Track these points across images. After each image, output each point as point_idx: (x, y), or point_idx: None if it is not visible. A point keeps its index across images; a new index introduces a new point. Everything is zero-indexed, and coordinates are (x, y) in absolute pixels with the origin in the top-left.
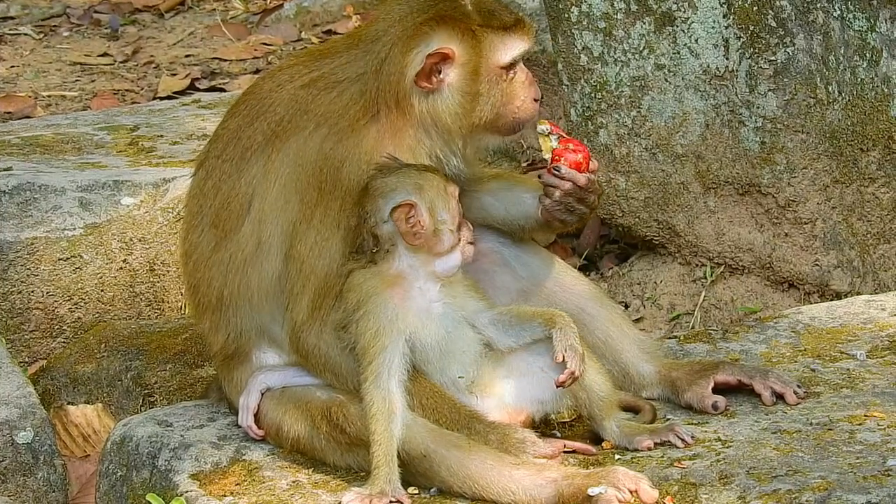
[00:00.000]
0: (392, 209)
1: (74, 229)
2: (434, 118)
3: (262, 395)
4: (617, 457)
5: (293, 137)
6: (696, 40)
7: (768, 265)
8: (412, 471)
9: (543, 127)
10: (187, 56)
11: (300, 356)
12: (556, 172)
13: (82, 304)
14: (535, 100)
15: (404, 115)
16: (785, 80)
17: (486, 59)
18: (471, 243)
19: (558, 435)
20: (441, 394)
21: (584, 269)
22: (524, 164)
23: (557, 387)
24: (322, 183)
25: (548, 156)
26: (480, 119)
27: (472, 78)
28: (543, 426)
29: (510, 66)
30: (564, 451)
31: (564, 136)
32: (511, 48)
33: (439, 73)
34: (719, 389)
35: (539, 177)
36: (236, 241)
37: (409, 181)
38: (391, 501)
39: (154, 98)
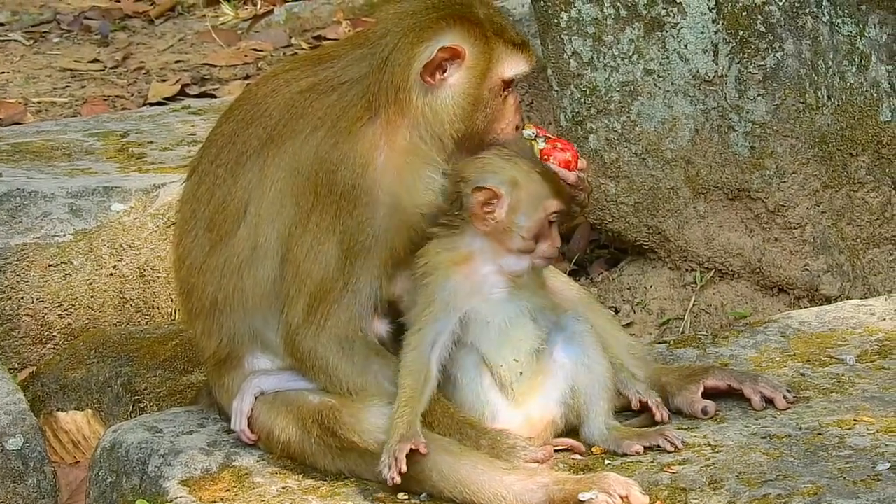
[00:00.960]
0: (476, 187)
1: (64, 235)
2: (431, 117)
3: (256, 399)
4: (607, 462)
5: (289, 141)
6: (686, 45)
7: (758, 270)
8: (403, 474)
9: (529, 132)
10: (177, 62)
11: (295, 360)
12: None
13: (72, 310)
14: (517, 127)
15: (402, 111)
16: (774, 84)
17: (494, 67)
18: (547, 258)
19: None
20: (434, 398)
21: (573, 274)
22: None
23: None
24: (318, 187)
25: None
26: (473, 128)
27: (477, 83)
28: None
29: (508, 84)
30: (555, 450)
31: (551, 136)
32: (517, 64)
33: (444, 71)
34: (709, 394)
35: None
36: (231, 245)
37: (511, 173)
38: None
39: (144, 104)
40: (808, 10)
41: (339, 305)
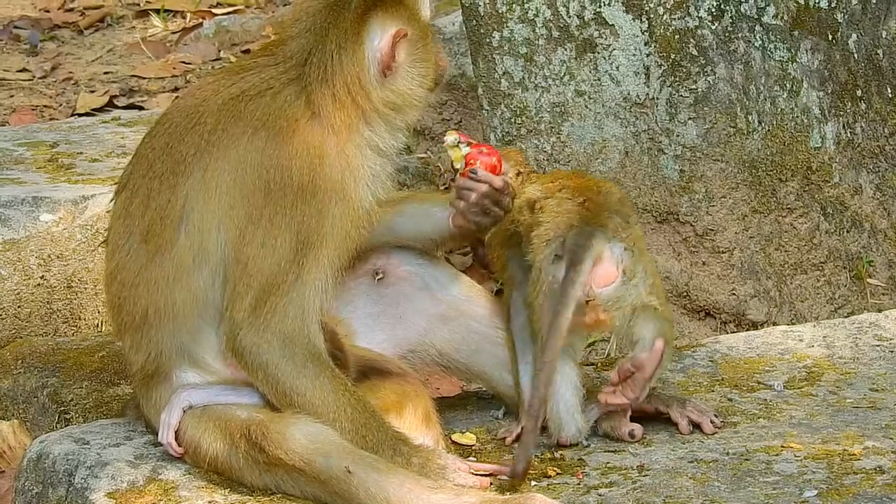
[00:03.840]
0: None
1: None
2: (395, 103)
3: (184, 412)
4: (533, 483)
5: (231, 145)
6: (617, 67)
7: (685, 293)
8: (330, 491)
9: (452, 138)
10: (106, 73)
11: (236, 356)
12: (473, 175)
13: None
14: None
15: (356, 110)
16: (705, 108)
17: (420, 19)
18: None
19: (474, 459)
20: (371, 410)
21: (500, 294)
22: (443, 187)
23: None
24: (269, 183)
25: (459, 165)
26: (427, 85)
27: (423, 45)
28: (459, 451)
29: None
30: (479, 474)
31: (473, 142)
32: (425, 3)
33: (395, 57)
34: (636, 417)
35: (453, 181)
36: (172, 254)
37: None
38: None
39: (72, 114)
40: (740, 35)
41: (287, 300)
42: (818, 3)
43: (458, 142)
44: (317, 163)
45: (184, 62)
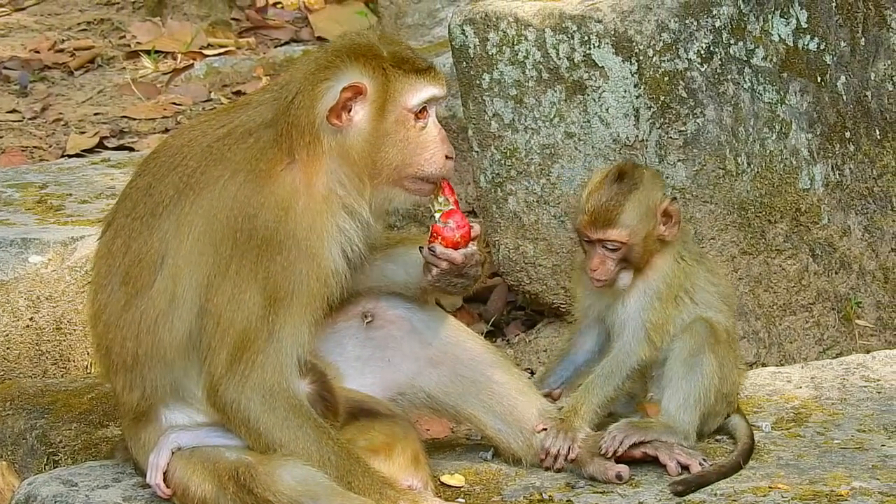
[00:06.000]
0: None
1: None
2: (343, 158)
3: (173, 454)
4: None
5: (207, 188)
6: (607, 109)
7: None
8: None
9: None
10: (96, 114)
11: (217, 411)
12: (432, 253)
13: None
14: (448, 157)
15: (315, 154)
16: (694, 150)
17: (394, 98)
18: None
19: (462, 501)
20: (356, 457)
21: (490, 336)
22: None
23: None
24: (237, 233)
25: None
26: (386, 163)
27: (379, 116)
28: (448, 492)
29: (420, 113)
30: None
31: (451, 205)
32: (420, 91)
33: (350, 110)
34: (624, 460)
35: (420, 250)
36: (148, 298)
37: None
38: None
39: (62, 156)
40: (729, 77)
41: (263, 355)
42: (807, 45)
43: (436, 209)
44: (282, 216)
45: (174, 103)
